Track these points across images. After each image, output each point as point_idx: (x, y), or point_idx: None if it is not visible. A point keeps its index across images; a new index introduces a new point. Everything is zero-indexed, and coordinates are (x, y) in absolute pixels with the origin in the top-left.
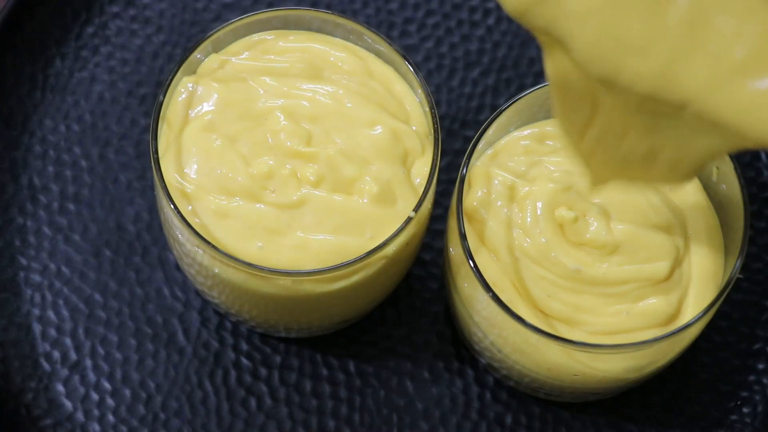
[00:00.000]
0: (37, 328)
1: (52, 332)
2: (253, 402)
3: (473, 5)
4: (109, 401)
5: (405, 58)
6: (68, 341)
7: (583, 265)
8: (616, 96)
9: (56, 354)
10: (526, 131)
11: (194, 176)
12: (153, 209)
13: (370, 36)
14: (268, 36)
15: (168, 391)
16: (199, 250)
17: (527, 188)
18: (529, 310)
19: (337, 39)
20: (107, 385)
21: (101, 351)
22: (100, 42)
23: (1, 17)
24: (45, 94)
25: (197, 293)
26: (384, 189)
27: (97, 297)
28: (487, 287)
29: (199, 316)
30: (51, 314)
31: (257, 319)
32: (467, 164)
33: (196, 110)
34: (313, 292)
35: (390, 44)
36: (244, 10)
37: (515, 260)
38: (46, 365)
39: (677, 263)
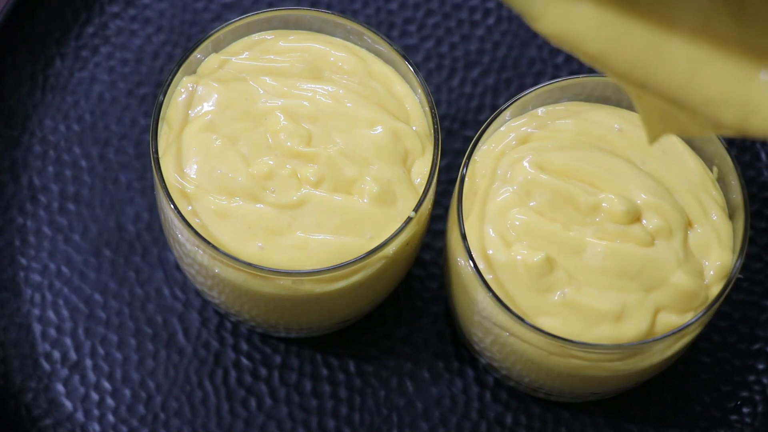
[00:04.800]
0: (37, 328)
1: (52, 332)
2: (253, 402)
3: (473, 5)
4: (109, 401)
5: (405, 58)
6: (68, 341)
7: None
8: None
9: (56, 354)
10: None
11: (194, 176)
12: (153, 209)
13: (370, 36)
14: (268, 36)
15: (168, 391)
16: (199, 250)
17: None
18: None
19: (337, 39)
20: (107, 385)
21: (101, 351)
22: (100, 42)
23: (1, 17)
24: (45, 94)
25: (197, 293)
26: (384, 189)
27: (97, 297)
28: (487, 287)
29: (199, 316)
30: (51, 314)
31: (257, 319)
32: (467, 164)
33: (196, 110)
34: (313, 292)
35: (390, 44)
36: (244, 10)
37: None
38: (46, 365)
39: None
